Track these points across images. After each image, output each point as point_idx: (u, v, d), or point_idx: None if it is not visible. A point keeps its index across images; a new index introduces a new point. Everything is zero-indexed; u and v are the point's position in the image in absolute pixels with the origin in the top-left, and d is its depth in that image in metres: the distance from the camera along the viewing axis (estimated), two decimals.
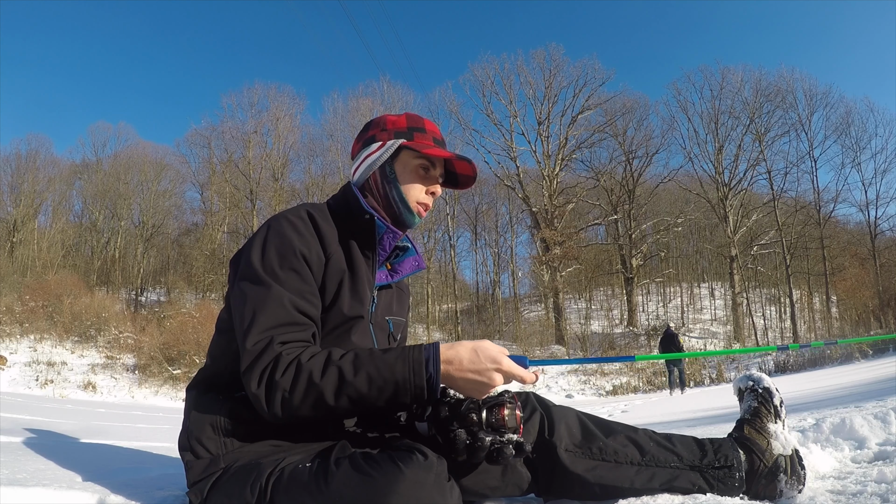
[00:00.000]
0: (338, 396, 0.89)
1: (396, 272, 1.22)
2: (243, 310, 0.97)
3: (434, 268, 31.00)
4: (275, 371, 0.90)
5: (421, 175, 1.18)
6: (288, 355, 0.91)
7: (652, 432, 1.17)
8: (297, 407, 0.90)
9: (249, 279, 0.99)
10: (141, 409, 9.56)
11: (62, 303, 20.24)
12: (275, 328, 0.94)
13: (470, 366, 0.92)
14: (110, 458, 1.95)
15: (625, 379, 17.69)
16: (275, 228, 1.02)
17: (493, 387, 0.93)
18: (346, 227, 1.11)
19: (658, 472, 1.10)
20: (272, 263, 0.98)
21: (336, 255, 1.06)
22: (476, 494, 1.11)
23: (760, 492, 1.13)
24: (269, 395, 0.90)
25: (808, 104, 25.56)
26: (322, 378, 0.89)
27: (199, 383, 1.10)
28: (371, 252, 1.12)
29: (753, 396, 1.25)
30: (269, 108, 29.49)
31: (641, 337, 26.17)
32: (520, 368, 0.95)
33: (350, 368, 0.90)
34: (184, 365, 17.18)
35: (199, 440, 1.00)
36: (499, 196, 31.92)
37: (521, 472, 1.12)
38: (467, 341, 0.95)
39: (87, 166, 32.55)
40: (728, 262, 26.88)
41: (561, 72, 29.00)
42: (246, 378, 0.92)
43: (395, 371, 0.89)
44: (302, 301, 0.98)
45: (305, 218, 1.05)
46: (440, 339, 5.39)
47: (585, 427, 1.15)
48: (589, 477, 1.09)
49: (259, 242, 1.01)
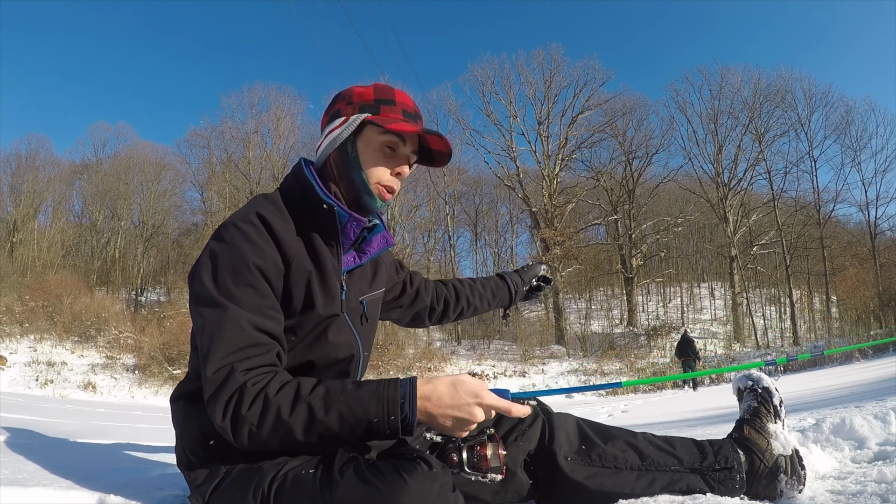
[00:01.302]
0: (307, 433, 0.85)
1: (364, 252, 1.13)
2: (202, 335, 0.91)
3: (434, 268, 31.00)
4: (240, 404, 0.85)
5: (387, 154, 1.05)
6: (253, 386, 0.86)
7: (651, 436, 1.17)
8: (265, 441, 0.86)
9: (204, 302, 0.92)
10: (141, 409, 9.56)
11: (62, 303, 20.25)
12: (235, 353, 0.88)
13: (449, 401, 0.86)
14: (110, 458, 1.95)
15: (625, 379, 17.69)
16: (226, 241, 0.94)
17: (474, 423, 0.88)
18: (304, 218, 1.02)
19: (658, 477, 1.10)
20: (226, 282, 0.91)
21: (298, 256, 0.99)
22: (476, 500, 1.10)
23: (761, 492, 1.12)
24: (235, 429, 0.85)
25: (807, 104, 25.58)
26: (291, 415, 0.84)
27: (184, 395, 1.05)
28: (334, 240, 1.04)
29: (753, 396, 1.24)
30: (270, 109, 29.54)
31: (641, 337, 26.15)
32: (503, 401, 0.90)
33: (321, 405, 0.84)
34: (184, 365, 17.17)
35: (194, 452, 0.99)
36: (499, 196, 31.96)
37: (522, 479, 1.12)
38: (445, 376, 0.90)
39: (87, 166, 32.58)
40: (728, 262, 26.88)
41: (561, 72, 29.04)
42: (210, 408, 0.87)
43: (369, 410, 0.84)
44: (261, 319, 0.92)
45: (257, 223, 0.96)
46: (440, 339, 5.40)
47: (584, 434, 1.14)
48: (589, 484, 1.09)
49: (210, 259, 0.94)
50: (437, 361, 22.12)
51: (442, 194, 30.00)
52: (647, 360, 22.77)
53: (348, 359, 1.08)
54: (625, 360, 22.59)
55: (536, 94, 29.26)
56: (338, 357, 1.06)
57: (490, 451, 0.93)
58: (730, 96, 27.18)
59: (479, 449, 0.93)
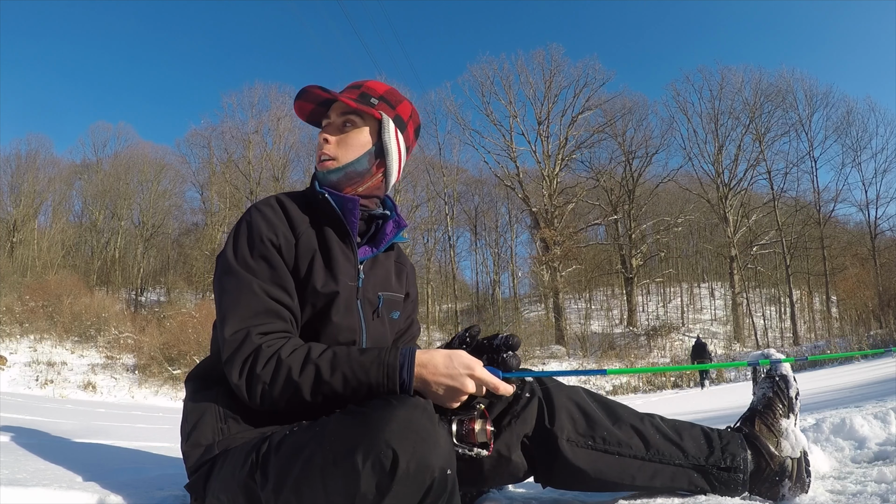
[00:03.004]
0: (314, 393, 0.92)
1: (380, 241, 1.18)
2: (221, 301, 1.00)
3: (434, 268, 31.01)
4: (255, 364, 0.93)
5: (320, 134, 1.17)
6: (268, 348, 0.94)
7: (659, 421, 1.14)
8: (276, 400, 0.93)
9: (225, 271, 1.02)
10: (141, 409, 9.56)
11: (62, 303, 20.25)
12: (251, 318, 0.97)
13: (444, 370, 0.91)
14: (110, 458, 1.95)
15: (625, 379, 17.69)
16: (245, 220, 1.06)
17: (466, 393, 0.93)
18: (316, 212, 1.11)
19: (661, 470, 1.08)
20: (244, 254, 1.02)
21: (306, 235, 1.07)
22: (470, 482, 1.09)
23: (763, 493, 1.12)
24: (249, 387, 0.94)
25: (808, 104, 25.62)
26: (300, 375, 0.92)
27: (198, 374, 1.11)
28: (344, 230, 1.10)
29: (769, 384, 1.20)
30: (270, 108, 29.56)
31: (641, 337, 26.17)
32: (493, 377, 0.94)
33: (327, 368, 0.92)
34: (184, 365, 17.18)
35: (197, 427, 1.01)
36: (498, 196, 31.95)
37: (517, 463, 1.08)
38: (443, 349, 0.94)
39: (87, 166, 32.59)
40: (728, 262, 26.89)
41: (561, 72, 29.07)
42: (227, 368, 0.96)
43: (370, 374, 0.90)
44: (274, 288, 1.01)
45: (274, 203, 1.08)
46: (440, 340, 5.43)
47: (589, 414, 1.10)
48: (590, 470, 1.07)
49: (233, 236, 1.05)
50: None
51: (441, 194, 30.03)
52: (647, 360, 22.78)
53: (349, 344, 1.08)
54: (625, 360, 22.60)
55: (536, 94, 29.33)
56: (338, 339, 1.07)
57: (478, 425, 0.96)
58: (730, 96, 27.26)
59: (467, 422, 0.96)
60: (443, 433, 0.81)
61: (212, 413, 1.01)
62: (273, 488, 0.83)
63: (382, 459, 0.74)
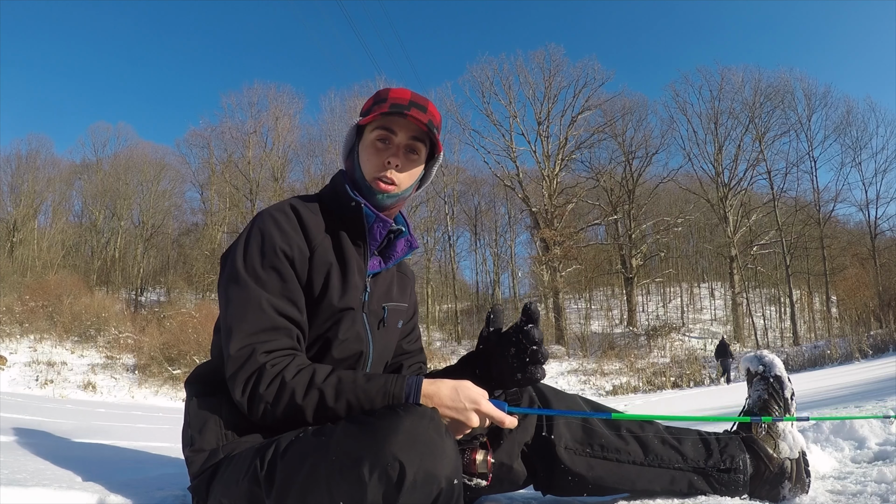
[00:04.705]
0: (317, 417, 0.91)
1: (389, 257, 1.16)
2: (227, 313, 0.98)
3: (434, 268, 31.00)
4: (259, 383, 0.92)
5: (378, 148, 1.08)
6: (272, 368, 0.93)
7: (658, 427, 1.15)
8: (278, 419, 0.93)
9: (232, 279, 0.99)
10: (141, 409, 9.55)
11: (62, 303, 20.24)
12: (256, 334, 0.95)
13: (449, 402, 0.90)
14: (110, 458, 1.95)
15: (625, 379, 17.69)
16: (258, 226, 1.02)
17: (469, 427, 0.91)
18: (334, 218, 1.08)
19: (661, 474, 1.08)
20: (254, 263, 0.99)
21: (322, 247, 1.04)
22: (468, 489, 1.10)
23: (763, 495, 1.12)
24: (252, 405, 0.93)
25: (807, 104, 25.58)
26: (304, 399, 0.91)
27: (199, 378, 1.09)
28: (362, 241, 1.09)
29: (764, 386, 1.20)
30: (269, 108, 29.55)
31: (641, 337, 26.15)
32: (498, 411, 0.92)
33: (332, 393, 0.91)
34: (184, 365, 17.17)
35: (200, 432, 1.00)
36: (498, 196, 31.94)
37: (518, 471, 1.10)
38: (449, 380, 0.92)
39: (87, 166, 32.57)
40: (728, 262, 26.87)
41: (561, 72, 29.06)
42: (231, 384, 0.95)
43: (375, 403, 0.90)
44: (283, 303, 0.98)
45: (289, 212, 1.04)
46: (440, 340, 5.40)
47: (587, 421, 1.12)
48: (589, 477, 1.07)
49: (243, 241, 1.01)
50: (437, 362, 22.11)
51: (441, 194, 30.01)
52: (646, 360, 22.76)
53: (357, 355, 1.09)
54: (625, 360, 22.58)
55: (536, 94, 29.32)
56: (348, 352, 1.07)
57: (480, 456, 0.95)
58: (730, 96, 27.23)
59: (469, 453, 0.95)
60: (449, 442, 0.80)
61: (215, 421, 1.00)
62: (277, 495, 0.82)
63: (389, 472, 0.74)
